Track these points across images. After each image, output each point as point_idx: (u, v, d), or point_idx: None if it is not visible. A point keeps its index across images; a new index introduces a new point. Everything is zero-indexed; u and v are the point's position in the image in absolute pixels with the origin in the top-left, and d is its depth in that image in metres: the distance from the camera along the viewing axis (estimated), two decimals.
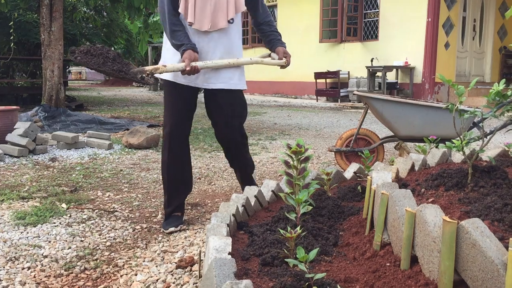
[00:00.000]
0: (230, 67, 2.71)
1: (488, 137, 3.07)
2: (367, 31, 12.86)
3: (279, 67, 2.91)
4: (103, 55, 4.75)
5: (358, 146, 4.22)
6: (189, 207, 3.21)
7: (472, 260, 1.48)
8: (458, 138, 2.10)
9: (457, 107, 2.05)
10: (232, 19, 2.70)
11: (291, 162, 2.28)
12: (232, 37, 2.73)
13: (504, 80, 2.01)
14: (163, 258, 2.35)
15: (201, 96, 2.98)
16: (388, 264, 1.79)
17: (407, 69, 11.58)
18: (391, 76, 11.81)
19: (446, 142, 2.07)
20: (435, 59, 11.22)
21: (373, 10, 12.63)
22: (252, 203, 2.55)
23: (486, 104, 2.05)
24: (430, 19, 11.08)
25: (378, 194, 2.02)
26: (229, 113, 2.83)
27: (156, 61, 24.03)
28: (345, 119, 8.90)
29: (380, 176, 2.23)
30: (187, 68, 2.49)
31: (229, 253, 1.78)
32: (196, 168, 4.53)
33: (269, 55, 2.93)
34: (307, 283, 1.66)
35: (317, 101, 13.32)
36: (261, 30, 3.00)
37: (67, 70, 9.50)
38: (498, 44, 12.89)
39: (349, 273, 1.79)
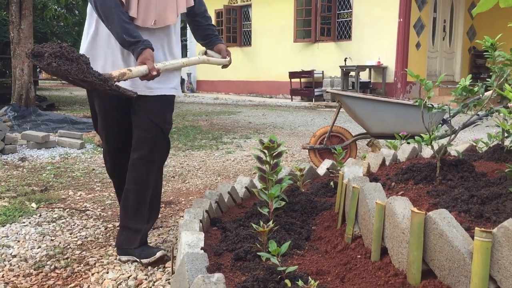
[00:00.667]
0: (172, 71, 2.32)
1: (456, 131, 3.14)
2: (340, 31, 12.99)
3: (221, 66, 2.59)
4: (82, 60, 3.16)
5: (331, 143, 4.26)
6: (163, 205, 3.18)
7: (439, 250, 1.51)
8: (427, 133, 2.15)
9: (425, 102, 2.10)
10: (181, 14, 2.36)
11: (264, 158, 2.29)
12: (172, 35, 2.36)
13: (470, 75, 2.06)
14: None
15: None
16: (359, 256, 1.82)
17: (380, 69, 11.75)
18: (364, 76, 11.95)
19: (415, 137, 2.11)
20: (406, 59, 11.41)
21: (346, 11, 12.76)
22: (226, 200, 2.55)
23: (453, 99, 2.09)
24: (401, 20, 11.26)
25: (349, 188, 2.05)
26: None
27: None
28: (319, 118, 8.97)
29: (352, 171, 2.26)
30: (153, 73, 2.06)
31: (201, 248, 1.78)
32: (170, 166, 4.50)
33: (205, 52, 2.56)
34: (279, 276, 1.67)
35: (291, 100, 13.38)
36: (196, 23, 2.53)
37: (38, 69, 9.31)
38: (467, 44, 13.19)
39: (320, 265, 1.80)
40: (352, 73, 11.69)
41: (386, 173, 2.34)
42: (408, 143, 2.74)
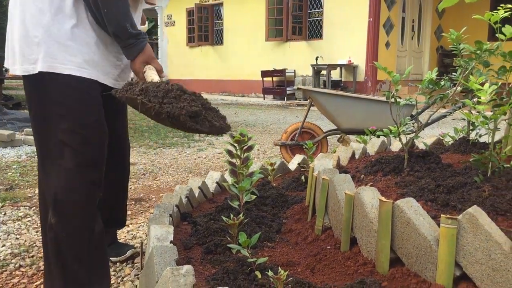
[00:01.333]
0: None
1: (423, 125, 3.20)
2: (311, 30, 13.08)
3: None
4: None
5: (302, 139, 4.28)
6: (133, 202, 3.14)
7: (406, 238, 1.53)
8: (395, 126, 2.17)
9: (393, 94, 2.12)
10: None
11: (235, 152, 2.27)
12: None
13: (436, 68, 2.10)
14: None
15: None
16: (329, 247, 1.83)
17: (351, 68, 11.88)
18: (335, 74, 12.07)
19: (384, 129, 2.14)
20: (376, 58, 11.57)
21: (317, 10, 12.86)
22: (196, 195, 2.53)
23: (419, 92, 2.13)
24: (371, 19, 11.42)
25: (319, 180, 2.06)
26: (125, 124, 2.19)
27: None
28: (291, 116, 9.01)
29: (322, 164, 2.27)
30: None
31: (171, 242, 1.75)
32: (140, 164, 4.45)
33: None
34: (249, 268, 1.66)
35: (264, 99, 13.41)
36: None
37: (4, 69, 9.05)
38: (435, 44, 13.48)
39: (291, 257, 1.81)
40: (324, 72, 11.80)
41: (356, 166, 2.36)
42: (378, 137, 2.78)
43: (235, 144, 2.27)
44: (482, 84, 1.74)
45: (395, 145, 2.83)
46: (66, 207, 1.70)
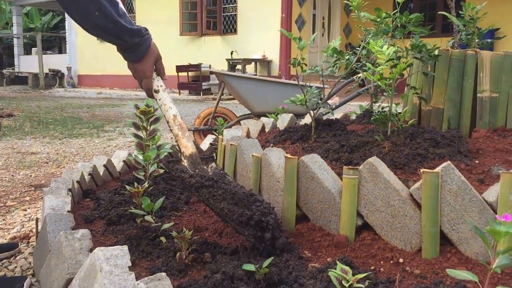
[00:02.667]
0: None
1: (337, 89, 3.29)
2: (226, 25, 13.08)
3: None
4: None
5: (215, 124, 4.24)
6: (33, 189, 2.92)
7: (311, 193, 1.54)
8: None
9: (301, 64, 2.14)
10: None
11: (140, 124, 2.18)
12: None
13: (340, 37, 2.15)
14: None
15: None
16: None
17: (265, 62, 12.04)
18: (250, 69, 12.16)
19: (291, 98, 2.15)
20: (289, 53, 11.82)
21: (231, 5, 12.89)
22: (101, 173, 2.39)
23: (324, 59, 2.17)
24: (284, 15, 11.65)
25: (227, 147, 2.03)
26: None
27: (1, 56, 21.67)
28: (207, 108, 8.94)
29: (231, 133, 2.24)
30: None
31: (68, 212, 1.63)
32: (43, 153, 4.16)
33: None
34: (154, 234, 1.59)
35: (179, 94, 13.19)
36: None
37: None
38: (344, 41, 14.04)
39: (199, 223, 1.75)
40: (239, 67, 11.84)
41: (266, 138, 2.36)
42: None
43: (141, 116, 2.17)
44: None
45: (304, 120, 2.87)
46: None
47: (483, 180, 1.49)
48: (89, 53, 15.98)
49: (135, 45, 1.42)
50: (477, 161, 1.66)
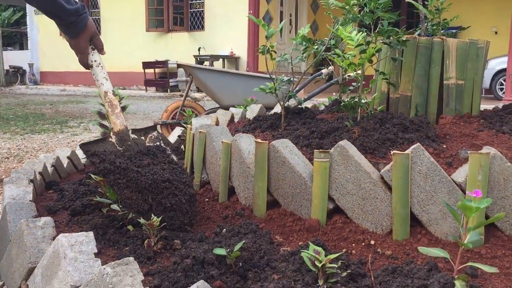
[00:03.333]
0: None
1: (304, 83, 3.29)
2: (193, 21, 12.96)
3: None
4: None
5: (183, 118, 4.18)
6: None
7: (282, 178, 1.52)
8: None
9: (272, 55, 2.12)
10: None
11: (105, 113, 2.11)
12: None
13: (308, 25, 2.14)
14: None
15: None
16: (207, 199, 1.77)
17: (233, 59, 11.99)
18: (218, 66, 12.09)
19: (261, 86, 2.13)
20: (257, 50, 11.83)
21: (198, 1, 12.77)
22: (65, 165, 2.32)
23: (294, 47, 2.16)
24: (251, 11, 11.62)
25: (196, 135, 1.99)
26: None
27: None
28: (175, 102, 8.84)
29: (200, 122, 2.20)
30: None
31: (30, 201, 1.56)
32: (4, 149, 4.01)
33: None
34: (121, 223, 1.54)
35: (146, 91, 12.99)
36: None
37: None
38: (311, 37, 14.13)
39: None
40: (206, 63, 11.75)
41: (235, 127, 2.33)
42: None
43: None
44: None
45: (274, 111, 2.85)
46: None
47: (451, 163, 1.51)
48: (51, 50, 15.56)
49: (71, 23, 1.50)
50: (444, 146, 1.67)
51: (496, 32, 10.09)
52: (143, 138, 1.59)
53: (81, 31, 1.53)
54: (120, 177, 1.41)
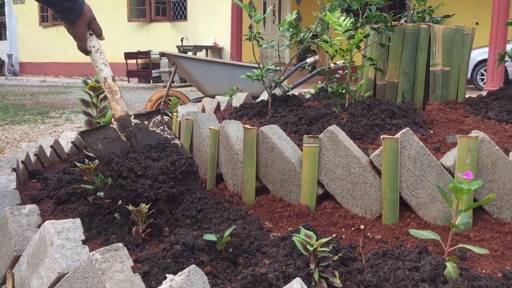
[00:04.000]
0: None
1: (289, 72, 3.28)
2: (176, 11, 12.83)
3: None
4: None
5: (168, 107, 4.14)
6: None
7: (271, 164, 1.51)
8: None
9: (258, 42, 2.10)
10: None
11: (90, 100, 2.07)
12: None
13: (296, 11, 2.12)
14: None
15: None
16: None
17: (216, 49, 11.91)
18: (201, 56, 12.01)
19: (247, 73, 2.11)
20: (241, 40, 11.74)
21: None
22: (48, 154, 2.27)
23: (280, 33, 2.14)
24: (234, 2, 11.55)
25: (183, 123, 1.96)
26: None
27: None
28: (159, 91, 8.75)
29: (186, 109, 2.18)
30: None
31: (13, 189, 1.53)
32: None
33: None
34: (107, 211, 1.52)
35: (128, 82, 12.85)
36: None
37: None
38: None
39: None
40: (190, 53, 11.65)
41: (222, 115, 2.31)
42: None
43: (91, 92, 2.07)
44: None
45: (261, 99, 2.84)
46: None
47: (439, 148, 1.52)
48: (31, 40, 15.27)
49: (67, 10, 1.47)
50: (431, 131, 1.68)
51: (477, 23, 10.19)
52: (146, 122, 1.56)
53: (78, 17, 1.51)
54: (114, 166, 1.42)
